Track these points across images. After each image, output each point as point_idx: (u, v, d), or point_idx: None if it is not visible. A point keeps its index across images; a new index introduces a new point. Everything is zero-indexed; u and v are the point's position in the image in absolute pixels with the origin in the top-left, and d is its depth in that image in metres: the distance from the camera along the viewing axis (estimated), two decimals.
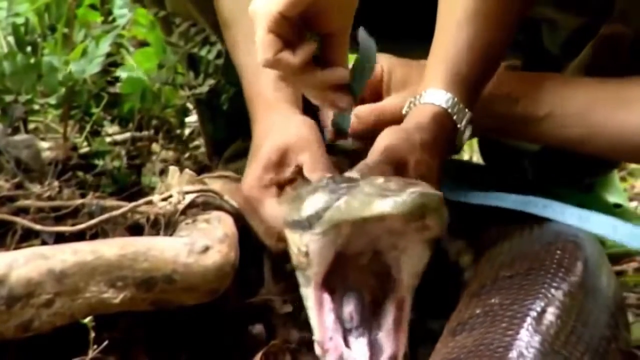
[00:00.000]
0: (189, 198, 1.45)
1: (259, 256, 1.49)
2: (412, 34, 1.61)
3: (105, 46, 1.71)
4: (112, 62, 1.77)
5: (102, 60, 1.71)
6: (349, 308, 1.14)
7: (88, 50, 1.71)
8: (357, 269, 1.16)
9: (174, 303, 1.32)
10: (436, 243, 1.13)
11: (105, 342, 1.24)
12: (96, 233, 1.41)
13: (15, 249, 1.35)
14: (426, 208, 1.03)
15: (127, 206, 1.43)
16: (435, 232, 1.10)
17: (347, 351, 1.11)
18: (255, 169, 1.45)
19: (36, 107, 1.73)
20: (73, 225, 1.42)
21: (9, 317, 1.21)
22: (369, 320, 1.14)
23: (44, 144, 1.73)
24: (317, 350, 1.13)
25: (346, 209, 1.08)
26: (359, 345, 1.12)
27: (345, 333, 1.13)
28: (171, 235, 1.41)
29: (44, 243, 1.37)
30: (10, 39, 1.74)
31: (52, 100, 1.70)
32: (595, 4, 1.56)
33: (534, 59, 1.73)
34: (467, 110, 1.38)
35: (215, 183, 1.58)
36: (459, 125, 1.37)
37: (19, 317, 1.22)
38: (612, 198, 1.95)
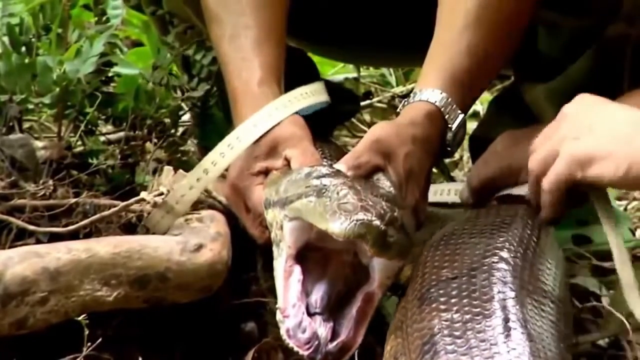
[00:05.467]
0: None
1: (252, 254, 1.50)
2: (410, 41, 1.62)
3: (99, 46, 1.72)
4: (106, 62, 1.78)
5: (96, 60, 1.71)
6: (318, 295, 1.18)
7: (82, 50, 1.72)
8: (339, 262, 1.23)
9: (167, 301, 1.34)
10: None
11: (99, 340, 1.25)
12: (90, 231, 1.42)
13: (10, 247, 1.35)
14: (364, 238, 1.12)
15: (119, 206, 1.44)
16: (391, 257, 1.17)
17: (307, 319, 1.15)
18: (244, 157, 1.46)
19: (31, 106, 1.73)
20: (67, 223, 1.43)
21: (3, 315, 1.22)
22: (334, 311, 1.18)
23: (39, 143, 1.73)
24: (278, 316, 1.17)
25: (306, 211, 1.18)
26: (323, 328, 1.15)
27: (310, 314, 1.17)
28: (164, 233, 1.42)
29: (38, 241, 1.38)
30: (5, 39, 1.74)
31: (47, 100, 1.71)
32: (598, 6, 1.56)
33: (527, 63, 1.73)
34: (460, 112, 1.39)
35: None
36: (450, 125, 1.39)
37: (13, 315, 1.23)
38: None
